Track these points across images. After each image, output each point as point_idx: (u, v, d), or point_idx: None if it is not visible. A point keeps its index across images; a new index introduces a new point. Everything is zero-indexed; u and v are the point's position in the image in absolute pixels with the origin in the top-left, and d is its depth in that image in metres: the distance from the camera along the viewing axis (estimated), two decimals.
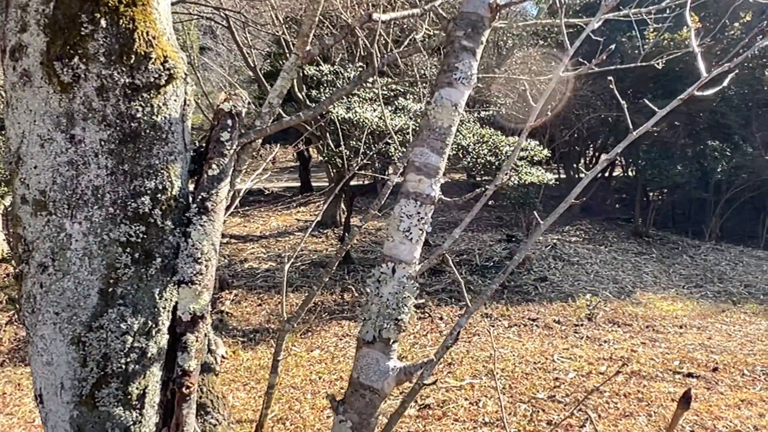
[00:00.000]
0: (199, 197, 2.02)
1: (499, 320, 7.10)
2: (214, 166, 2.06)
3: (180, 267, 1.95)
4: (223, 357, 6.00)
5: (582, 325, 7.08)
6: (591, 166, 16.93)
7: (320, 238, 11.47)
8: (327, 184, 14.27)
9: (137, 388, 1.92)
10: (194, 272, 1.94)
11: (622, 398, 4.32)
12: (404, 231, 2.20)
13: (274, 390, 2.46)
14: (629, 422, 3.87)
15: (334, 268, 2.86)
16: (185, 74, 2.04)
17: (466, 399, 4.55)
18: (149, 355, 1.94)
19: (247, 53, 10.67)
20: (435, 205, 2.25)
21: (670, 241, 13.10)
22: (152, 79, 1.91)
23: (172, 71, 1.96)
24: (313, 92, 10.29)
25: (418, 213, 2.21)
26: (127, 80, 1.86)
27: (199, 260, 1.95)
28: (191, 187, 2.13)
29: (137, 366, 1.91)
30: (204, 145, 2.18)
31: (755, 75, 12.73)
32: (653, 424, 3.84)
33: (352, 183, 10.92)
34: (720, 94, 12.42)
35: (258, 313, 7.34)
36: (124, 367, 1.89)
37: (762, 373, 5.01)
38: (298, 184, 17.49)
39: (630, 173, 18.28)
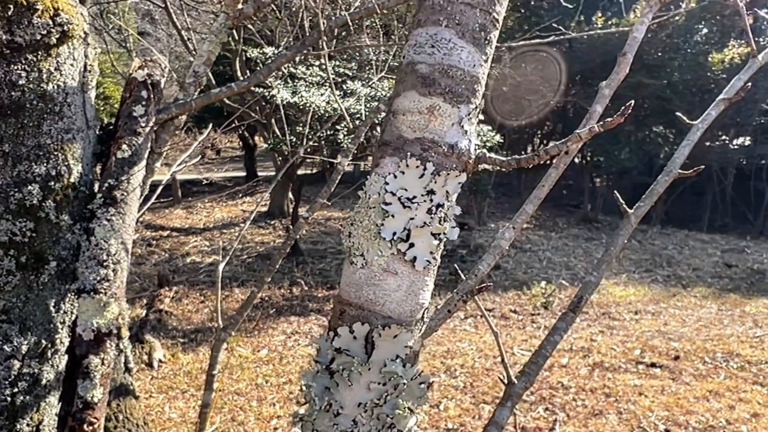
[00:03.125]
0: (106, 185, 1.63)
1: None
2: (124, 146, 1.68)
3: (81, 272, 1.57)
4: (160, 361, 5.56)
5: (539, 314, 6.94)
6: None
7: (267, 229, 11.03)
8: (274, 173, 13.78)
9: (28, 425, 1.54)
10: (98, 278, 1.56)
11: (589, 394, 4.12)
12: (394, 240, 0.95)
13: (209, 410, 2.10)
14: (599, 421, 3.67)
15: (279, 262, 2.50)
16: (85, 33, 1.65)
17: None
18: (44, 382, 1.56)
19: (187, 38, 10.06)
20: (472, 172, 1.00)
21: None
22: (39, 37, 1.52)
23: (66, 28, 1.57)
24: None
25: (430, 192, 0.94)
26: (4, 37, 1.47)
27: (105, 263, 1.57)
28: (97, 173, 1.75)
29: (28, 397, 1.54)
30: (113, 122, 1.80)
31: (699, 61, 12.91)
32: (625, 423, 3.65)
33: (300, 172, 10.52)
34: (666, 80, 12.58)
35: (200, 311, 6.88)
36: (9, 399, 1.51)
37: (723, 360, 4.93)
38: (244, 173, 16.87)
39: (577, 159, 18.53)
